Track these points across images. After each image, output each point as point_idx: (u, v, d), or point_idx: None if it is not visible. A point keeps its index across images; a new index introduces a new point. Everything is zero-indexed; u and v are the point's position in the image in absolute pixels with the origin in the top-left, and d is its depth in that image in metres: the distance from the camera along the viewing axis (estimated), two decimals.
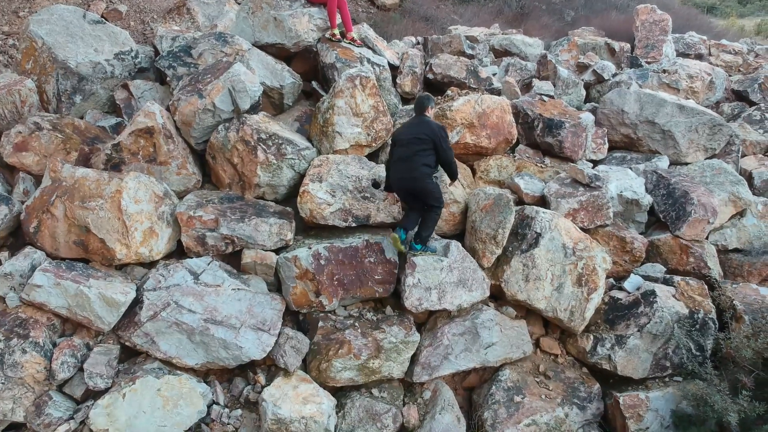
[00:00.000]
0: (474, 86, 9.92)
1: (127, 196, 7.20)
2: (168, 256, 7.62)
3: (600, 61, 11.44)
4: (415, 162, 7.16)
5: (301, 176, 8.11)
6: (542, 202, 8.55)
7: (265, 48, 9.51)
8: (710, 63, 13.19)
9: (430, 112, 7.67)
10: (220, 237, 7.39)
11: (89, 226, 7.03)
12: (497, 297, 8.07)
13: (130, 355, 6.97)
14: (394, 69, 9.98)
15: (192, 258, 7.44)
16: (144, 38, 12.44)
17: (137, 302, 6.90)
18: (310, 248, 7.41)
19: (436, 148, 7.21)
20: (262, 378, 7.07)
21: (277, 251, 7.59)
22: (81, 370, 6.61)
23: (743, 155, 10.37)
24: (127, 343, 6.85)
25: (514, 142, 9.25)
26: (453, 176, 7.67)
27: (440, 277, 7.42)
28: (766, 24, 37.37)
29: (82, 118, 8.93)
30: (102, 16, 12.31)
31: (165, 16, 11.26)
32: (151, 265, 7.48)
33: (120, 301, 6.70)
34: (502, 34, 12.61)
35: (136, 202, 7.28)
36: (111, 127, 8.84)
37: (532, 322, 8.09)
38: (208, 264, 7.32)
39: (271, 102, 9.23)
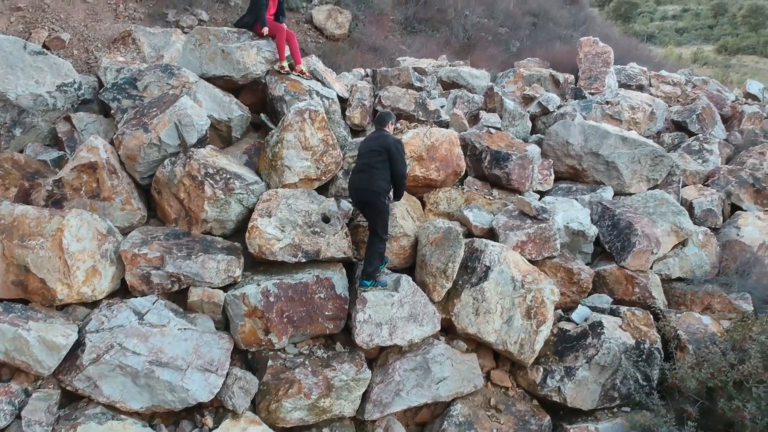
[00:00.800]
0: (422, 119, 10.01)
1: (68, 234, 6.99)
2: (112, 295, 7.39)
3: (545, 93, 11.68)
4: (374, 175, 7.37)
5: (250, 211, 8.01)
6: (491, 234, 8.62)
7: (212, 80, 9.41)
8: (651, 94, 13.61)
9: (390, 128, 7.90)
10: (166, 275, 7.22)
11: (29, 265, 6.78)
12: (448, 330, 8.07)
13: (71, 400, 6.70)
14: (344, 101, 10.00)
15: (136, 297, 7.24)
16: (88, 67, 12.18)
17: (79, 344, 6.66)
18: (259, 285, 7.30)
19: (391, 158, 7.38)
20: (209, 420, 6.87)
21: (225, 288, 7.45)
22: (19, 417, 6.31)
23: (684, 185, 10.66)
24: (68, 388, 6.59)
25: (462, 174, 9.34)
26: (399, 193, 7.79)
27: (391, 312, 7.40)
28: (701, 52, 38.87)
29: (21, 151, 8.66)
30: (44, 45, 12.02)
31: (110, 46, 11.05)
32: (93, 304, 7.25)
33: (61, 344, 6.46)
34: (450, 65, 12.78)
35: (78, 240, 7.07)
36: (53, 161, 8.59)
37: (483, 355, 8.11)
38: (153, 303, 7.13)
39: (219, 135, 9.13)
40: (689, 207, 10.06)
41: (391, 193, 7.74)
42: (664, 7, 58.26)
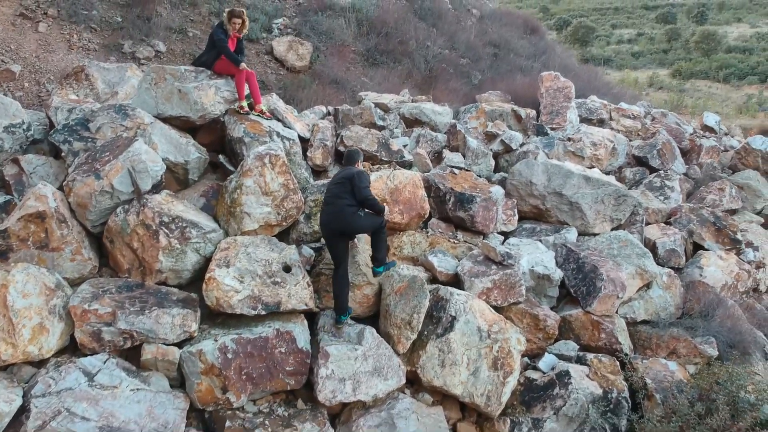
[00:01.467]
0: (386, 159, 9.85)
1: (14, 290, 6.63)
2: (61, 351, 7.02)
3: (508, 131, 11.62)
4: (339, 204, 7.36)
5: (207, 260, 7.72)
6: (456, 279, 8.46)
7: (168, 120, 9.10)
8: (612, 128, 13.69)
9: (359, 166, 7.91)
10: (118, 332, 6.87)
11: None
12: (413, 381, 7.85)
13: None
14: (305, 141, 9.77)
15: (87, 354, 6.87)
16: (39, 100, 11.79)
17: (24, 410, 6.25)
18: (216, 340, 6.99)
19: (353, 186, 7.37)
20: None
21: (181, 344, 7.13)
22: None
23: (647, 223, 10.66)
24: None
25: (426, 216, 9.19)
26: (379, 212, 7.59)
27: (355, 366, 7.17)
28: (657, 77, 39.69)
29: None
30: None
31: (62, 82, 10.65)
32: (41, 363, 6.87)
33: (3, 411, 6.06)
34: (412, 100, 12.66)
35: (25, 297, 6.70)
36: None
37: (449, 406, 7.88)
38: (104, 362, 6.77)
39: (175, 177, 8.81)
40: (652, 247, 10.04)
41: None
42: (620, 31, 59.70)
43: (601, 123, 13.83)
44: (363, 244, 8.22)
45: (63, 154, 8.47)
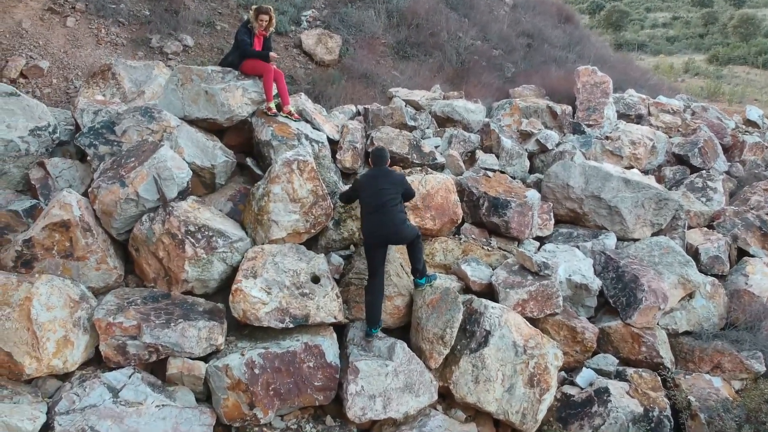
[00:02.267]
0: (417, 161, 9.53)
1: (38, 303, 6.50)
2: (86, 363, 6.89)
3: (544, 130, 11.22)
4: (392, 212, 7.22)
5: (234, 269, 7.53)
6: (490, 288, 8.17)
7: (195, 122, 8.90)
8: (651, 124, 13.20)
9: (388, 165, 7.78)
10: (143, 345, 6.70)
11: None
12: (445, 396, 7.60)
13: None
14: (334, 143, 9.49)
15: (111, 368, 6.72)
16: (67, 97, 11.67)
17: (48, 427, 6.13)
18: (243, 355, 6.80)
19: (405, 195, 7.40)
20: None
21: (207, 357, 6.95)
22: None
23: (688, 227, 10.23)
24: None
25: (459, 221, 8.89)
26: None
27: (385, 383, 6.94)
28: (693, 62, 38.60)
29: None
30: (21, 73, 11.53)
31: (88, 81, 10.49)
32: (65, 375, 6.75)
33: (27, 429, 5.93)
34: (444, 96, 12.28)
35: (49, 309, 6.57)
36: (24, 211, 8.01)
37: (482, 422, 7.62)
38: (129, 377, 6.62)
39: (202, 181, 8.61)
40: (695, 253, 9.62)
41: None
42: (654, 15, 58.15)
43: (639, 119, 13.35)
44: (394, 252, 7.96)
45: (89, 158, 8.32)
